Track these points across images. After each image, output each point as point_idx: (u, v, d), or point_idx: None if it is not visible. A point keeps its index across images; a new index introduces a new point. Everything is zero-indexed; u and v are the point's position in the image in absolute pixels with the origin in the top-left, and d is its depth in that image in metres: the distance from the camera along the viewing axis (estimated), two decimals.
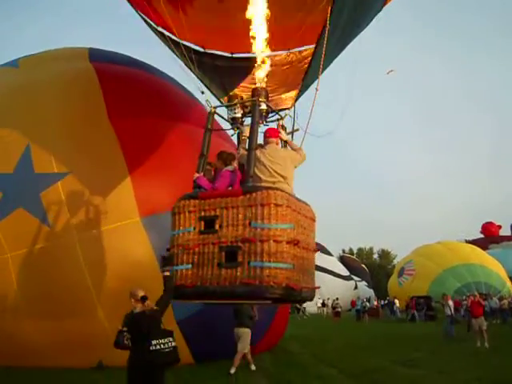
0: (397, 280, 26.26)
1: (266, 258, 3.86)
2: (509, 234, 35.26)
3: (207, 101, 4.84)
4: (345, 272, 32.87)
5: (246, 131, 4.64)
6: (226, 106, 4.90)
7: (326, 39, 4.75)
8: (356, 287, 32.80)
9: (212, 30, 5.48)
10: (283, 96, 5.74)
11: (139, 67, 8.23)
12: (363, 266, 40.78)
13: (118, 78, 7.52)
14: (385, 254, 54.82)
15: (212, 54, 5.75)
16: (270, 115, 4.90)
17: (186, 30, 5.14)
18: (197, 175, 4.45)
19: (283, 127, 4.92)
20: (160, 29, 5.54)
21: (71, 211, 6.48)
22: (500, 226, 36.38)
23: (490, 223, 36.51)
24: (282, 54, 5.73)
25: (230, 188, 4.38)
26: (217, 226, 4.13)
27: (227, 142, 7.47)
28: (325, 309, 27.01)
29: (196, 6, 5.21)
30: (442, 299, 13.09)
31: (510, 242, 30.61)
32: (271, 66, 4.74)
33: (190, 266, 4.18)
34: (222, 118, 4.88)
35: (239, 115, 4.79)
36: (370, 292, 33.86)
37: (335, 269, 31.32)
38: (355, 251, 54.07)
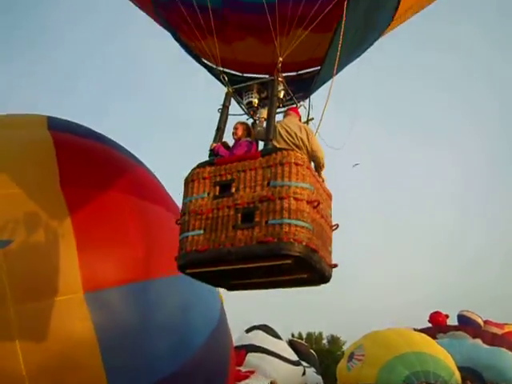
0: (346, 364, 25.61)
1: (286, 215, 3.66)
2: (456, 323, 35.60)
3: (225, 80, 4.90)
4: (293, 357, 31.94)
5: (264, 113, 4.56)
6: (243, 88, 4.92)
7: (342, 29, 4.75)
8: (304, 373, 31.78)
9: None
10: None
11: (96, 139, 8.19)
12: (312, 351, 39.84)
13: (74, 148, 7.45)
14: (334, 340, 53.93)
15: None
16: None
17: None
18: (214, 144, 4.37)
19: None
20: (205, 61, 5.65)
21: (9, 281, 6.02)
22: (447, 316, 36.73)
23: (437, 313, 36.84)
24: None
25: None
26: (233, 190, 3.91)
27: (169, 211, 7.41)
28: None
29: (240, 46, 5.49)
30: None
31: (457, 332, 30.85)
32: None
33: (201, 231, 3.92)
34: (239, 101, 4.91)
35: (256, 100, 4.79)
36: (319, 379, 32.80)
37: (284, 353, 30.38)
38: (304, 336, 53.01)
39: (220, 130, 4.62)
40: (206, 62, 5.64)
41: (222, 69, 5.30)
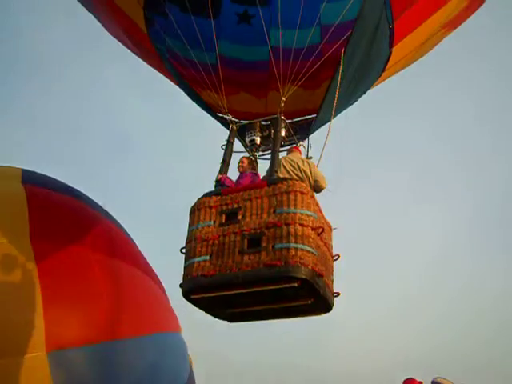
0: None
1: (293, 239, 3.70)
2: None
3: (229, 117, 5.25)
4: None
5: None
6: (247, 125, 5.28)
7: (340, 72, 5.24)
8: None
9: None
10: None
11: (70, 194, 8.16)
12: None
13: (46, 203, 7.40)
14: None
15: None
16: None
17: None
18: (220, 175, 4.52)
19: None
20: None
21: None
22: (421, 383, 36.05)
23: (411, 379, 36.19)
24: None
25: None
26: (239, 217, 3.94)
27: (147, 275, 7.34)
28: None
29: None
30: None
31: None
32: None
33: (207, 257, 3.90)
34: (241, 140, 5.19)
35: (258, 138, 4.90)
36: None
37: None
38: None
39: (225, 162, 4.84)
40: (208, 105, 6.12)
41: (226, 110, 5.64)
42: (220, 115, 6.02)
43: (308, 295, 4.08)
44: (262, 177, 4.82)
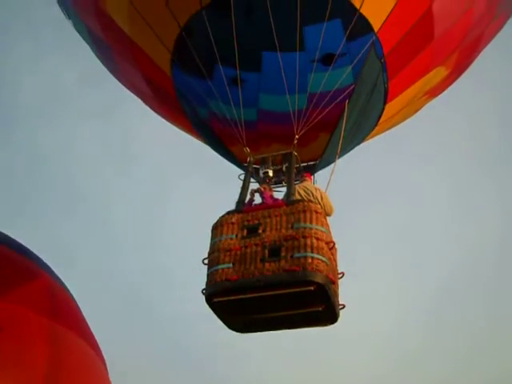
0: None
1: (309, 250, 4.15)
2: None
3: (248, 150, 5.82)
4: None
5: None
6: (260, 159, 5.89)
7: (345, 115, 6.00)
8: None
9: None
10: None
11: (20, 252, 7.55)
12: None
13: None
14: None
15: None
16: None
17: None
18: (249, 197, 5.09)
19: None
20: None
21: None
22: None
23: None
24: None
25: None
26: (260, 231, 4.36)
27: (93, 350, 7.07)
28: None
29: None
30: None
31: None
32: None
33: (231, 264, 4.26)
34: (254, 175, 5.74)
35: (271, 171, 5.33)
36: None
37: None
38: None
39: (245, 188, 5.37)
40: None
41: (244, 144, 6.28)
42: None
43: (320, 302, 4.50)
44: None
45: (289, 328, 5.05)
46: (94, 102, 23.12)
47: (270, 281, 4.16)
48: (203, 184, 21.45)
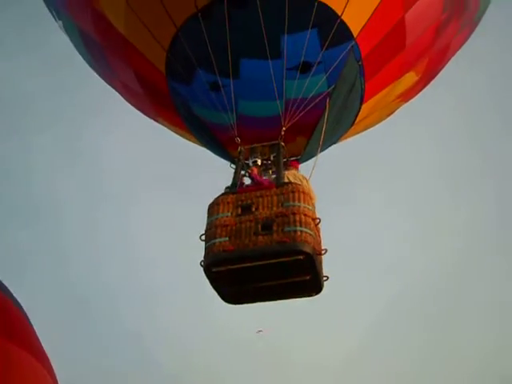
0: None
1: (298, 224, 4.71)
2: None
3: (239, 141, 6.31)
4: None
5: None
6: (251, 152, 6.36)
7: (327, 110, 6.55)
8: None
9: None
10: None
11: None
12: None
13: None
14: None
15: None
16: None
17: None
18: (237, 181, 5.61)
19: None
20: None
21: None
22: None
23: None
24: None
25: None
26: (253, 209, 4.89)
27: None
28: None
29: None
30: None
31: None
32: None
33: (227, 238, 4.76)
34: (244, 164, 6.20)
35: (259, 161, 5.79)
36: None
37: None
38: None
39: (237, 173, 5.90)
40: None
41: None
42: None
43: (306, 271, 5.08)
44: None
45: (277, 299, 5.56)
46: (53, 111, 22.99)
47: (264, 251, 4.71)
48: (158, 200, 21.64)
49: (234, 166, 6.40)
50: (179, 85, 7.33)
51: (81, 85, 20.38)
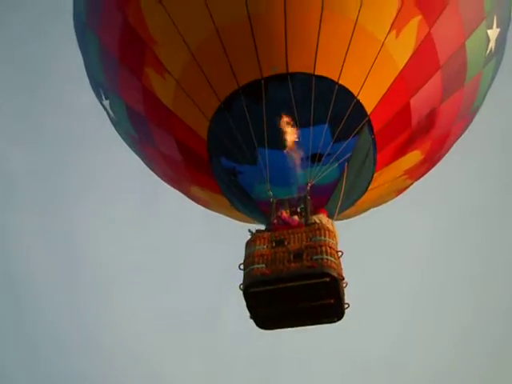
0: None
1: (324, 254, 5.63)
2: None
3: (271, 195, 7.06)
4: None
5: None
6: (282, 200, 7.10)
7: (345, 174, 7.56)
8: None
9: None
10: None
11: None
12: None
13: None
14: None
15: None
16: None
17: None
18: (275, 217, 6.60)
19: None
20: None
21: None
22: None
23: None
24: None
25: None
26: (285, 243, 5.82)
27: None
28: None
29: None
30: None
31: None
32: None
33: (263, 265, 5.66)
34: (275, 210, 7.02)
35: (288, 211, 6.62)
36: None
37: None
38: None
39: (271, 215, 6.81)
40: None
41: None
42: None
43: (332, 295, 5.84)
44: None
45: (302, 325, 6.18)
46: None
47: (296, 273, 5.56)
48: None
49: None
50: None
51: None
